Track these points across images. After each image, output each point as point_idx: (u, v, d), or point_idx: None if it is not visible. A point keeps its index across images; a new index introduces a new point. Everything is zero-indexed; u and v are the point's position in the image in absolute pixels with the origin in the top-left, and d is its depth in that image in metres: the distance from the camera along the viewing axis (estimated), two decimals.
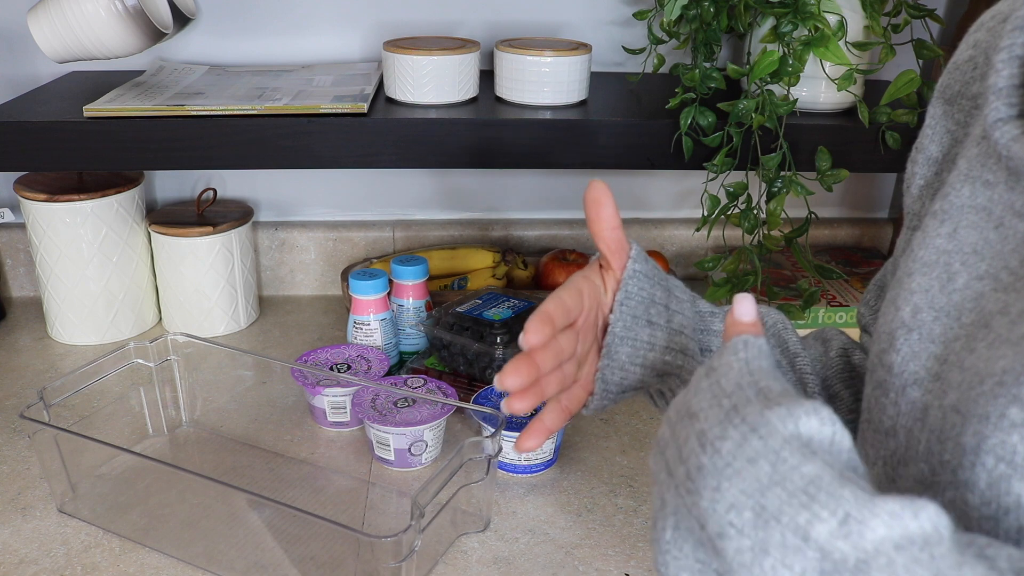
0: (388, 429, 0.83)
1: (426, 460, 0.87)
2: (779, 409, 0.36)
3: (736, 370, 0.39)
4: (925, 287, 0.45)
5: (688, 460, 0.37)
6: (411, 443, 0.84)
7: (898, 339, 0.45)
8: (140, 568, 0.73)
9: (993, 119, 0.43)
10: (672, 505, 0.39)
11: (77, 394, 0.83)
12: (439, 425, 0.86)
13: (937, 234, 0.45)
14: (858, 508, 0.32)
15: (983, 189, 0.44)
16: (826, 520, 0.32)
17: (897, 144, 0.94)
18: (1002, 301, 0.40)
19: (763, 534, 0.33)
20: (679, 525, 0.39)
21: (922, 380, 0.43)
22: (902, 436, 0.43)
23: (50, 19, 0.92)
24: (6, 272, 1.21)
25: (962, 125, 0.49)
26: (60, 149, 0.91)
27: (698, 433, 0.37)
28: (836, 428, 0.35)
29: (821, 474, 0.33)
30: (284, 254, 1.22)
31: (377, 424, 0.84)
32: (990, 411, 0.37)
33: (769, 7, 0.90)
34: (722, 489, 0.35)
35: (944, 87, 0.50)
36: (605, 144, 0.95)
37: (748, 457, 0.35)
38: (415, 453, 0.85)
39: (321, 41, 1.13)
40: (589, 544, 0.77)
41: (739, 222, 0.97)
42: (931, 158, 0.51)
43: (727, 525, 0.34)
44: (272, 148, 0.93)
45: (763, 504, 0.33)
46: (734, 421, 0.36)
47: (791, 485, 0.33)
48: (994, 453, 0.36)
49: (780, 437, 0.35)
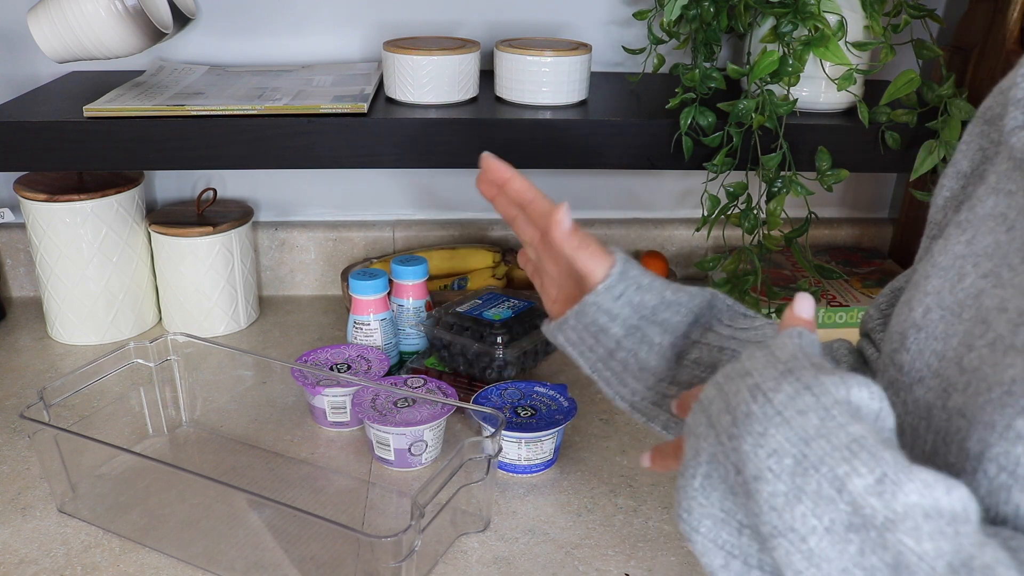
0: (388, 429, 0.83)
1: (426, 460, 0.87)
2: (833, 376, 0.37)
3: (791, 347, 0.41)
4: (938, 289, 0.46)
5: (736, 409, 0.39)
6: (411, 443, 0.84)
7: (908, 338, 0.46)
8: (140, 568, 0.73)
9: (1011, 127, 0.44)
10: (708, 453, 0.40)
11: (77, 394, 0.83)
12: (439, 425, 0.86)
13: (957, 241, 0.47)
14: (895, 471, 0.33)
15: (1004, 198, 0.45)
16: (863, 475, 0.33)
17: (897, 144, 0.94)
18: (999, 297, 0.41)
19: (800, 480, 0.34)
20: (711, 473, 0.40)
21: (925, 378, 0.43)
22: (909, 435, 0.44)
23: (50, 19, 0.92)
24: (6, 272, 1.21)
25: (996, 144, 0.50)
26: (60, 149, 0.91)
27: (751, 386, 0.39)
28: (883, 405, 0.37)
29: (866, 435, 0.34)
30: (284, 254, 1.22)
31: (377, 424, 0.84)
32: (996, 420, 0.37)
33: (769, 7, 0.90)
34: (767, 435, 0.36)
35: (986, 108, 0.52)
36: (605, 144, 0.95)
37: (798, 409, 0.36)
38: (415, 453, 0.85)
39: (321, 41, 1.13)
40: (589, 544, 0.77)
41: (739, 222, 0.97)
42: (960, 172, 0.52)
43: (766, 469, 0.36)
44: (272, 148, 0.93)
45: (805, 453, 0.35)
46: (788, 379, 0.38)
47: (836, 439, 0.34)
48: (997, 462, 0.36)
49: (832, 397, 0.36)
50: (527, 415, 0.85)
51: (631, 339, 0.58)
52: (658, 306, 0.58)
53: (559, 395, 0.89)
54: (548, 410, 0.87)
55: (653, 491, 0.84)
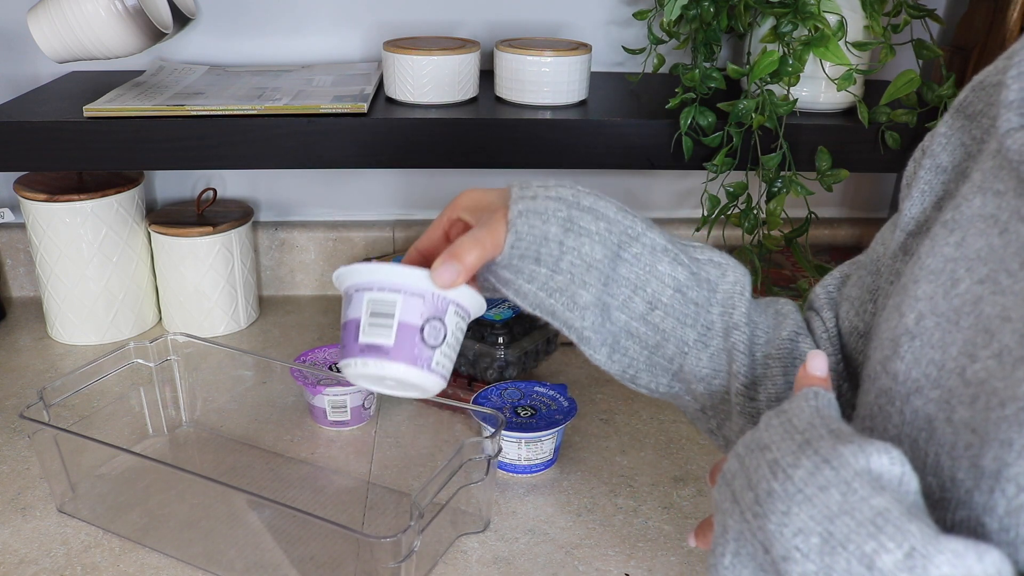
0: None
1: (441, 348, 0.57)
2: (851, 445, 0.37)
3: (808, 412, 0.40)
4: (930, 294, 0.45)
5: (758, 486, 0.38)
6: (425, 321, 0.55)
7: (902, 346, 0.45)
8: (140, 568, 0.73)
9: (1005, 129, 0.44)
10: (735, 531, 0.40)
11: (77, 394, 0.83)
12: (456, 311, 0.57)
13: (946, 243, 0.46)
14: (924, 543, 0.33)
15: (993, 198, 0.44)
16: (892, 551, 0.33)
17: (897, 144, 0.94)
18: (1000, 304, 0.40)
19: (829, 559, 0.34)
20: (740, 551, 0.39)
21: (923, 388, 0.43)
22: (907, 446, 0.43)
23: (50, 19, 0.92)
24: (6, 272, 1.21)
25: (978, 141, 0.49)
26: (60, 149, 0.91)
27: (770, 462, 0.39)
28: (905, 469, 0.37)
29: (890, 507, 0.34)
30: (284, 254, 1.22)
31: None
32: (1013, 438, 0.36)
33: (769, 7, 0.90)
34: (791, 513, 0.36)
35: (966, 103, 0.51)
36: (605, 144, 0.95)
37: (819, 485, 0.36)
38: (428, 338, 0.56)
39: (321, 41, 1.13)
40: (589, 544, 0.77)
41: (739, 222, 0.97)
42: (939, 166, 0.51)
43: (793, 549, 0.35)
44: (272, 148, 0.93)
45: (831, 531, 0.35)
46: (807, 452, 0.38)
47: (860, 515, 0.34)
48: (1016, 482, 0.36)
49: (852, 470, 0.36)
50: (527, 415, 0.85)
51: (570, 236, 0.55)
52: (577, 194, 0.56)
53: (559, 395, 0.89)
54: (548, 410, 0.87)
55: (653, 491, 0.84)
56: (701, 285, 0.58)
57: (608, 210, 0.56)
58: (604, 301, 0.56)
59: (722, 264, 0.60)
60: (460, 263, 0.53)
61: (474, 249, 0.53)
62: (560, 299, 0.56)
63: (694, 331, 0.58)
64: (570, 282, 0.55)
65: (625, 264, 0.56)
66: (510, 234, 0.54)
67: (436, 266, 0.52)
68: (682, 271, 0.57)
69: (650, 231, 0.57)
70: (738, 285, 0.59)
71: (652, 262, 0.57)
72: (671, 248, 0.58)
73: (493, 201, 0.56)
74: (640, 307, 0.57)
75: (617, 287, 0.56)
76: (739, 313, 0.58)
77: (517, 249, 0.54)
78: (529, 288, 0.56)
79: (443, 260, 0.53)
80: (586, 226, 0.55)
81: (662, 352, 0.58)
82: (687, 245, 0.59)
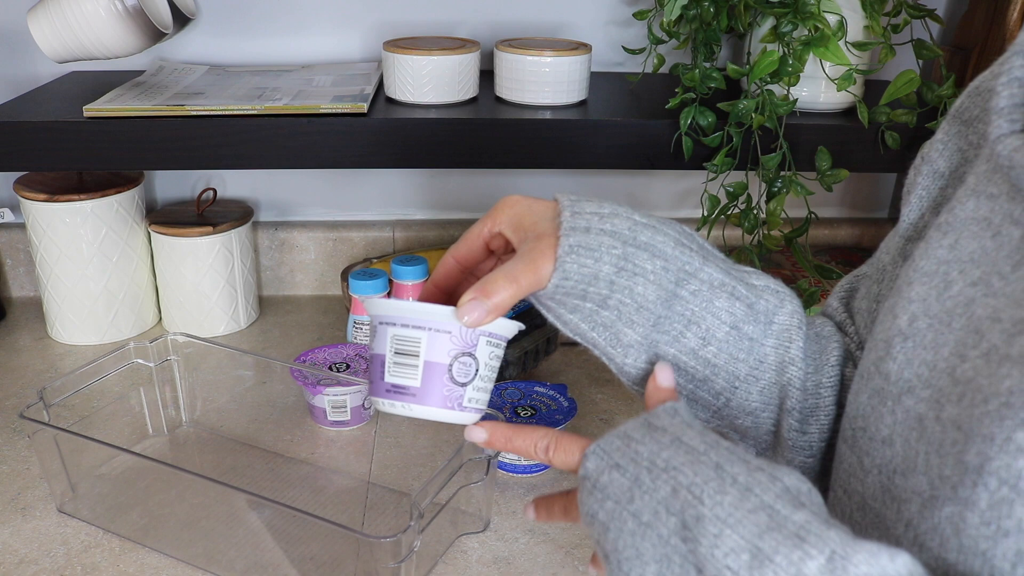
0: None
1: None
2: (764, 473, 0.42)
3: (691, 432, 0.45)
4: (923, 296, 0.45)
5: (684, 512, 0.41)
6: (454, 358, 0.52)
7: (895, 347, 0.45)
8: (140, 568, 0.73)
9: (995, 135, 0.44)
10: (655, 554, 0.42)
11: (77, 394, 0.83)
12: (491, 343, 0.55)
13: (939, 245, 0.46)
14: (843, 546, 0.36)
15: (986, 202, 0.45)
16: (815, 557, 0.36)
17: (897, 144, 0.94)
18: (991, 306, 0.41)
19: (759, 572, 0.37)
20: (663, 573, 0.42)
21: (915, 388, 0.43)
22: (899, 446, 0.43)
23: (50, 19, 0.92)
24: (6, 272, 1.21)
25: (974, 146, 0.50)
26: (60, 149, 0.91)
27: (688, 486, 0.42)
28: (809, 484, 0.42)
29: (810, 520, 0.38)
30: (284, 254, 1.22)
31: None
32: (995, 432, 0.37)
33: (769, 7, 0.90)
34: (723, 535, 0.39)
35: (963, 109, 0.51)
36: (605, 144, 0.95)
37: (748, 509, 0.40)
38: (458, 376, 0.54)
39: (321, 41, 1.13)
40: (589, 544, 0.77)
41: (739, 222, 0.97)
42: (937, 171, 0.52)
43: (725, 568, 0.38)
44: (272, 148, 0.93)
45: (759, 547, 0.38)
46: (725, 479, 0.41)
47: (785, 530, 0.38)
48: (997, 476, 0.36)
49: (772, 493, 0.40)
50: (527, 415, 0.85)
51: (623, 275, 0.51)
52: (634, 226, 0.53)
53: (559, 395, 0.89)
54: (548, 410, 0.87)
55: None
56: (757, 319, 0.55)
57: (666, 245, 0.52)
58: (652, 339, 0.53)
59: (780, 292, 0.56)
60: (491, 301, 0.50)
61: (508, 288, 0.50)
62: (603, 334, 0.53)
63: (746, 365, 0.55)
64: (616, 319, 0.52)
65: (681, 302, 0.53)
66: (557, 272, 0.50)
67: (463, 302, 0.50)
68: (739, 306, 0.54)
69: (707, 265, 0.53)
70: (795, 317, 0.56)
71: (710, 298, 0.53)
72: (728, 282, 0.54)
73: (539, 222, 0.52)
74: (692, 343, 0.54)
75: (669, 324, 0.53)
76: (796, 348, 0.55)
77: (563, 288, 0.51)
78: (571, 318, 0.53)
79: (472, 296, 0.50)
80: (641, 264, 0.51)
81: (709, 386, 0.55)
82: (743, 272, 0.56)
